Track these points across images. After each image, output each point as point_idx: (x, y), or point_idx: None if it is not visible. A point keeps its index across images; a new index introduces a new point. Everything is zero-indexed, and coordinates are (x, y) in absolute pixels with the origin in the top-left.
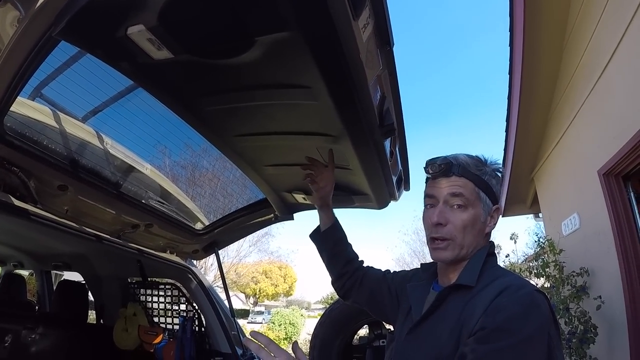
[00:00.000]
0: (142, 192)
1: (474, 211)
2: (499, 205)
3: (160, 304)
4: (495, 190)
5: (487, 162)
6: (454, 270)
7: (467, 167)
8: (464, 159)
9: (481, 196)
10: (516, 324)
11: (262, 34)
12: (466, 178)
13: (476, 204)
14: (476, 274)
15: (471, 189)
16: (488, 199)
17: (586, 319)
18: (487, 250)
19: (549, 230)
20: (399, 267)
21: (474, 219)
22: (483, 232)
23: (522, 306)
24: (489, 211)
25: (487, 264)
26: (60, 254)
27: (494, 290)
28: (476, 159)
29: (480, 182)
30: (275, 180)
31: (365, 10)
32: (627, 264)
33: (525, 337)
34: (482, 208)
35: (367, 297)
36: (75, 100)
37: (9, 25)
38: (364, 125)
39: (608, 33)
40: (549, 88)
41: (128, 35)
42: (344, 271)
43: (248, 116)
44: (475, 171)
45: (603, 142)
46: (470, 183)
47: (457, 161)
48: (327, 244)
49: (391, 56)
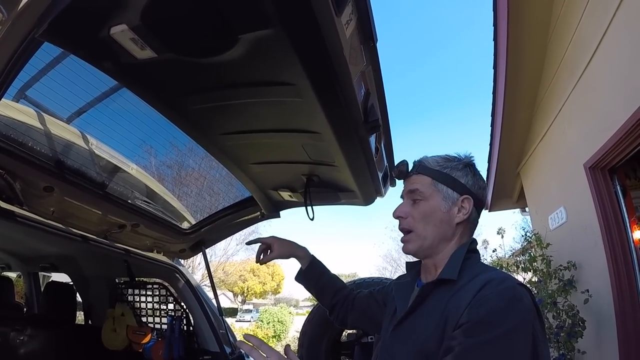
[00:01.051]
0: (128, 192)
1: (430, 203)
2: (468, 195)
3: (148, 303)
4: (463, 181)
5: (456, 158)
6: (434, 267)
7: (425, 165)
8: (426, 158)
9: (439, 187)
10: (499, 317)
11: (245, 32)
12: (423, 174)
13: (433, 195)
14: (457, 268)
15: (427, 182)
16: (450, 190)
17: (574, 313)
18: (468, 246)
19: (536, 225)
20: (387, 263)
21: (432, 209)
22: (449, 222)
23: (505, 299)
24: (452, 201)
25: (469, 260)
26: (47, 255)
27: (477, 284)
28: (441, 157)
29: (439, 174)
30: (261, 178)
31: (348, 7)
32: (614, 257)
33: (510, 329)
34: (442, 199)
35: (361, 318)
36: (59, 101)
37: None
38: (349, 122)
39: (592, 26)
40: (534, 82)
41: (111, 35)
42: (335, 301)
43: (233, 114)
44: (435, 167)
45: (589, 136)
46: (427, 178)
47: (418, 162)
48: (311, 280)
49: (375, 52)
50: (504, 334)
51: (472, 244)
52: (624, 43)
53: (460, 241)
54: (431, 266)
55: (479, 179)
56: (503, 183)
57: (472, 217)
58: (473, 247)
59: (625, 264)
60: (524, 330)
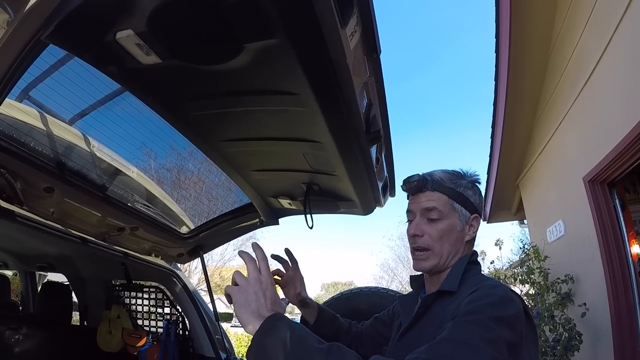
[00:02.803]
0: (128, 195)
1: (449, 222)
2: (477, 214)
3: (144, 306)
4: (472, 200)
5: (465, 175)
6: (438, 279)
7: (440, 182)
8: (439, 174)
9: (456, 207)
10: (488, 309)
11: (250, 41)
12: (440, 192)
13: (451, 214)
14: (457, 280)
15: (445, 201)
16: (464, 209)
17: (571, 326)
18: (469, 258)
19: (534, 237)
20: (384, 272)
21: (450, 228)
22: (462, 240)
23: (495, 297)
24: (466, 220)
25: (469, 272)
26: (45, 255)
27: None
28: (451, 173)
29: (455, 194)
30: (261, 185)
31: (352, 18)
32: (612, 271)
33: (496, 317)
34: (457, 218)
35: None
36: (62, 103)
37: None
38: (351, 132)
39: (593, 40)
40: (534, 95)
41: (117, 40)
42: (348, 341)
43: (235, 121)
44: (450, 184)
45: (588, 149)
46: (444, 196)
47: (431, 177)
48: (322, 330)
49: (378, 63)
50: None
51: (472, 256)
52: (624, 58)
53: (465, 256)
54: (436, 279)
55: (480, 197)
56: (502, 194)
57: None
58: (474, 258)
59: (622, 277)
60: (510, 322)
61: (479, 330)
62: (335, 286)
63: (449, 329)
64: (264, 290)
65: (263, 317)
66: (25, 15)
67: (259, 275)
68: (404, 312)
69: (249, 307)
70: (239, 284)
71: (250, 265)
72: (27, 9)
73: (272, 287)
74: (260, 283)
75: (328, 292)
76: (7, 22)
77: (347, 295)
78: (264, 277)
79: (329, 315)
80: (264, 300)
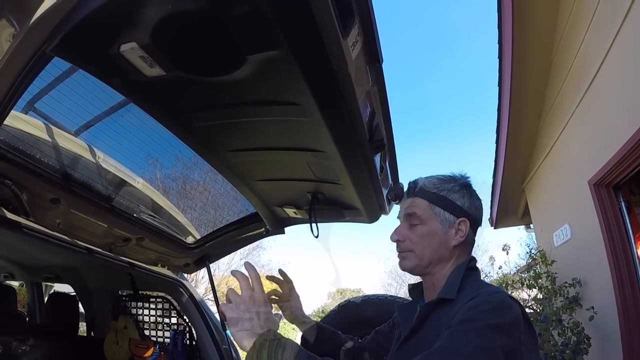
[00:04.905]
0: (134, 206)
1: (428, 226)
2: (464, 218)
3: (151, 317)
4: (460, 203)
5: (453, 179)
6: (433, 286)
7: (423, 188)
8: (423, 180)
9: (437, 211)
10: (484, 316)
11: (253, 53)
12: (421, 197)
13: (431, 219)
14: (456, 287)
15: (425, 206)
16: (447, 213)
17: (579, 330)
18: (467, 264)
19: (541, 241)
20: (392, 279)
21: (430, 233)
22: (446, 245)
23: (493, 304)
24: (449, 224)
25: (469, 277)
26: (51, 265)
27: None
28: (436, 178)
29: (436, 198)
30: (266, 194)
31: (354, 29)
32: (619, 274)
33: (492, 324)
34: (439, 222)
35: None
36: (68, 114)
37: (4, 40)
38: (354, 141)
39: (596, 44)
40: (538, 99)
41: (121, 53)
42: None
43: (239, 132)
44: (432, 189)
45: (593, 152)
46: (424, 202)
47: (414, 184)
48: (323, 348)
49: (380, 72)
50: (487, 326)
51: (470, 262)
52: (627, 61)
53: (458, 261)
54: (430, 285)
55: (475, 199)
56: (508, 200)
57: (468, 238)
58: (472, 264)
59: (630, 280)
60: (509, 329)
61: (474, 339)
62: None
63: (444, 338)
64: (257, 308)
65: (256, 334)
66: (30, 29)
67: (252, 292)
68: (403, 321)
69: (242, 325)
70: (233, 302)
71: (243, 284)
72: (31, 22)
73: (265, 304)
74: (254, 300)
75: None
76: (12, 35)
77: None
78: (257, 294)
79: (329, 333)
80: (257, 317)
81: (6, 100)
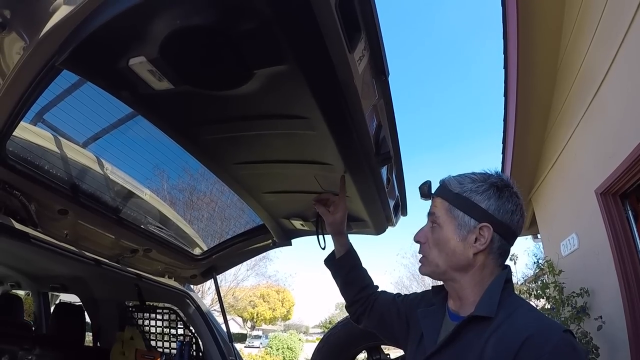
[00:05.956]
0: (141, 218)
1: (444, 230)
2: (486, 223)
3: (157, 328)
4: (483, 205)
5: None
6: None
7: (446, 186)
8: (449, 178)
9: (455, 214)
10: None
11: (261, 67)
12: (442, 197)
13: (448, 222)
14: (495, 304)
15: (445, 207)
16: (466, 216)
17: (587, 340)
18: (505, 277)
19: (548, 251)
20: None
21: (445, 238)
22: (464, 253)
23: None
24: (468, 229)
25: (503, 292)
26: (58, 276)
27: (519, 327)
28: (463, 176)
29: (457, 199)
30: (273, 207)
31: (360, 43)
32: (627, 283)
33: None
34: (455, 227)
35: (377, 321)
36: (76, 127)
37: (14, 53)
38: (361, 154)
39: (601, 53)
40: (544, 110)
41: (129, 66)
42: (357, 298)
43: (247, 145)
44: (455, 189)
45: (599, 162)
46: (444, 202)
47: (441, 182)
48: (342, 270)
49: (386, 86)
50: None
51: (508, 274)
52: (632, 69)
53: (482, 272)
54: (454, 293)
55: (506, 202)
56: None
57: (495, 246)
58: (509, 276)
59: (638, 289)
60: None
61: None
62: None
63: None
64: None
65: None
66: (40, 42)
67: None
68: (427, 329)
69: None
70: None
71: None
72: (41, 35)
73: None
74: None
75: (342, 311)
76: (22, 48)
77: None
78: None
79: (353, 262)
80: None
81: (16, 112)
